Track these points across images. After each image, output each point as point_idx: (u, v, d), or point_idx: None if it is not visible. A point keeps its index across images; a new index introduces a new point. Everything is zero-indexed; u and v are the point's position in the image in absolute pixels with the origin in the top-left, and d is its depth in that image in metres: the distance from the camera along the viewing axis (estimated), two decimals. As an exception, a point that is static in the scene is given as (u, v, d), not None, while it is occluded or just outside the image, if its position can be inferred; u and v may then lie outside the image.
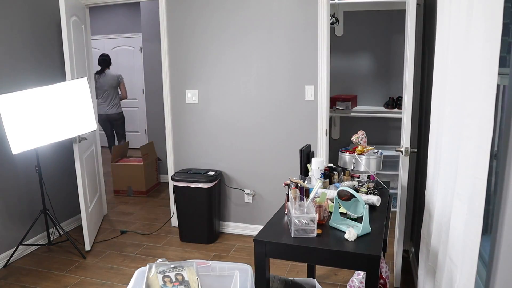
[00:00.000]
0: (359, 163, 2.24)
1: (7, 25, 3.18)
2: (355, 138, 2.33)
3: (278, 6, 3.22)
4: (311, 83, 3.23)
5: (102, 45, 7.39)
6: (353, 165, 2.27)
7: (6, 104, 2.71)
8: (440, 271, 1.53)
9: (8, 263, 3.15)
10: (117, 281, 2.88)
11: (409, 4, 2.45)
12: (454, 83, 1.44)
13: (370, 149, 2.28)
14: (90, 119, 3.26)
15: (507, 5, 1.07)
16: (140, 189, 4.89)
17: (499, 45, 0.98)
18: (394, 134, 4.42)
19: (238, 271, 1.86)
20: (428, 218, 1.93)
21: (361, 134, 2.35)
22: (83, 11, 3.76)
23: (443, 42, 1.71)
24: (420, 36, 3.00)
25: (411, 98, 2.41)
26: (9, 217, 3.23)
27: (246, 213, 3.63)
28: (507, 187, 1.04)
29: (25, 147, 2.82)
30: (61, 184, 3.79)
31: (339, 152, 2.35)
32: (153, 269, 1.80)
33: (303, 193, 1.90)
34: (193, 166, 3.73)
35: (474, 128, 1.13)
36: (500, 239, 1.08)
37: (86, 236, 3.34)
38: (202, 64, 3.53)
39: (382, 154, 2.29)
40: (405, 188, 2.58)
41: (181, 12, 3.51)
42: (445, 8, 1.66)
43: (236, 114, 3.51)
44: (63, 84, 3.06)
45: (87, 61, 3.78)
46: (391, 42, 4.23)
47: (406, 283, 2.76)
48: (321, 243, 1.60)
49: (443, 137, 1.60)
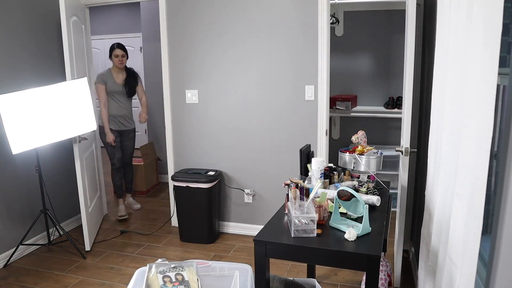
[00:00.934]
0: (359, 163, 2.24)
1: (7, 25, 3.18)
2: (355, 138, 2.33)
3: (279, 6, 3.22)
4: (311, 83, 3.23)
5: (102, 45, 7.39)
6: (353, 165, 2.27)
7: (6, 104, 2.71)
8: (440, 271, 1.53)
9: (8, 263, 3.15)
10: (117, 281, 2.88)
11: (409, 4, 2.45)
12: (454, 83, 1.44)
13: (370, 149, 2.28)
14: (90, 119, 3.26)
15: (507, 5, 1.07)
16: (140, 189, 4.89)
17: (499, 45, 0.98)
18: (394, 134, 4.42)
19: (238, 271, 1.86)
20: (428, 218, 1.93)
21: (361, 134, 2.35)
22: (83, 11, 3.76)
23: (443, 42, 1.71)
24: (420, 36, 3.00)
25: (411, 98, 2.41)
26: (9, 217, 3.23)
27: (246, 213, 3.63)
28: (507, 187, 1.04)
29: (25, 147, 2.82)
30: (61, 184, 3.78)
31: (339, 152, 2.35)
32: (153, 269, 1.80)
33: (303, 193, 1.90)
34: (193, 166, 3.73)
35: (474, 128, 1.13)
36: (500, 239, 1.08)
37: (86, 236, 3.34)
38: (202, 64, 3.53)
39: (382, 154, 2.29)
40: (405, 188, 2.58)
41: (181, 12, 3.51)
42: (445, 8, 1.66)
43: (236, 114, 3.50)
44: (63, 84, 3.06)
45: (87, 61, 3.78)
46: (391, 42, 4.23)
47: (406, 283, 2.76)
48: (321, 243, 1.60)
49: (443, 137, 1.60)
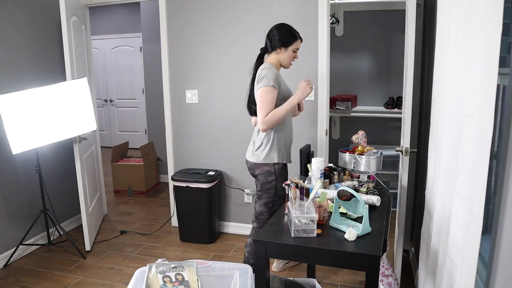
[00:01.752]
0: (359, 163, 2.24)
1: (7, 25, 3.18)
2: (355, 138, 2.33)
3: (278, 6, 3.22)
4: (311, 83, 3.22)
5: (102, 45, 7.39)
6: (353, 165, 2.27)
7: (6, 104, 2.71)
8: (440, 271, 1.53)
9: (8, 263, 3.15)
10: (117, 281, 2.88)
11: (409, 4, 2.45)
12: (454, 83, 1.44)
13: (370, 149, 2.28)
14: (90, 119, 3.26)
15: (507, 5, 1.07)
16: (140, 189, 4.89)
17: (499, 45, 0.98)
18: (394, 134, 4.41)
19: (238, 271, 1.86)
20: (428, 218, 1.93)
21: (361, 134, 2.35)
22: (83, 11, 3.76)
23: (443, 42, 1.71)
24: (420, 36, 3.00)
25: (411, 98, 2.41)
26: (9, 217, 3.23)
27: (246, 213, 3.63)
28: (507, 187, 1.04)
29: (25, 147, 2.82)
30: (61, 184, 3.78)
31: (339, 152, 2.35)
32: (153, 269, 1.80)
33: (303, 193, 1.90)
34: (193, 166, 3.73)
35: (474, 128, 1.12)
36: (500, 239, 1.08)
37: (86, 236, 3.34)
38: (202, 64, 3.53)
39: (382, 154, 2.29)
40: (405, 188, 2.58)
41: (181, 12, 3.51)
42: (445, 8, 1.66)
43: (236, 114, 3.50)
44: (63, 84, 3.06)
45: (87, 61, 3.78)
46: (391, 42, 4.23)
47: (406, 283, 2.75)
48: (321, 243, 1.60)
49: (443, 137, 1.60)
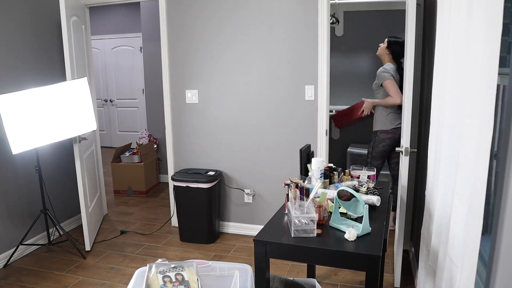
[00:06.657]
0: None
1: (7, 25, 3.18)
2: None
3: (278, 6, 3.22)
4: (311, 83, 3.23)
5: (102, 45, 7.39)
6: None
7: (6, 104, 2.71)
8: (440, 271, 1.53)
9: (8, 263, 3.15)
10: (117, 281, 2.88)
11: (409, 4, 2.45)
12: (454, 83, 1.44)
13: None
14: (90, 119, 3.26)
15: (507, 5, 1.07)
16: (140, 189, 4.89)
17: (499, 45, 0.98)
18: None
19: (238, 271, 1.86)
20: (428, 218, 1.93)
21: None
22: (83, 11, 3.76)
23: (443, 42, 1.71)
24: (420, 36, 3.00)
25: (411, 98, 2.41)
26: (9, 217, 3.23)
27: (246, 213, 3.63)
28: (507, 187, 1.04)
29: (25, 147, 2.82)
30: (61, 184, 3.78)
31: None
32: (153, 269, 1.80)
33: (303, 193, 1.90)
34: (193, 166, 3.73)
35: (474, 128, 1.13)
36: (500, 239, 1.08)
37: (86, 236, 3.34)
38: (202, 64, 3.53)
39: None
40: (405, 188, 2.58)
41: (181, 12, 3.51)
42: (445, 8, 1.66)
43: (236, 114, 3.50)
44: (63, 84, 3.06)
45: (87, 61, 3.78)
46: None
47: (406, 283, 2.76)
48: (321, 243, 1.60)
49: (443, 137, 1.60)
